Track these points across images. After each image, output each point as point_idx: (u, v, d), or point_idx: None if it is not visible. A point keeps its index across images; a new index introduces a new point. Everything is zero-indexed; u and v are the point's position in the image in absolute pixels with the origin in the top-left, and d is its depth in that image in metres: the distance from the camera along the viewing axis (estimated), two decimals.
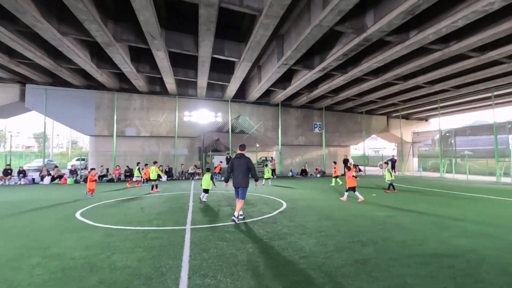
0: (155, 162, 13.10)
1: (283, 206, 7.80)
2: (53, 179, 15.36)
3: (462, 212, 7.07)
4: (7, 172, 15.26)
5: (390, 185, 11.25)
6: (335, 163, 15.50)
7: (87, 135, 19.74)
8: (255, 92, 18.97)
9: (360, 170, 21.99)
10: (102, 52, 12.96)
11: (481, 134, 27.32)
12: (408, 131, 25.77)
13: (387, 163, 16.13)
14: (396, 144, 27.69)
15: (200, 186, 8.91)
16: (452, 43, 11.03)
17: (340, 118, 24.18)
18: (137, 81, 16.77)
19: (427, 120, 27.72)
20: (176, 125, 19.10)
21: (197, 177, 17.63)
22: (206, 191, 8.80)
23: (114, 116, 18.18)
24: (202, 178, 9.08)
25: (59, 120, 18.55)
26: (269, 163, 20.93)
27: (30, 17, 9.07)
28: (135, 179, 14.67)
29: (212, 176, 9.34)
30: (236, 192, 6.25)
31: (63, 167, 26.95)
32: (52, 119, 18.71)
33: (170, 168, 18.14)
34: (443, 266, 3.52)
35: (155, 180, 11.88)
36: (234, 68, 15.13)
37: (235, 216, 5.99)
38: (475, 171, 21.30)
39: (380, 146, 43.88)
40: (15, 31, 10.67)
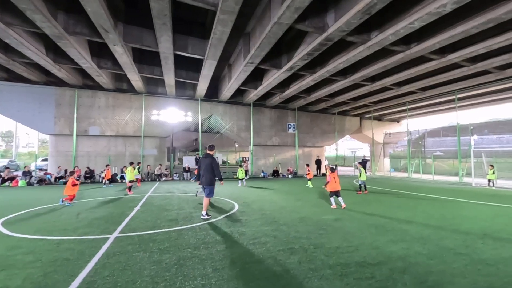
0: (131, 163, 12.58)
1: (233, 210, 7.46)
2: (3, 181, 14.25)
3: (411, 214, 7.01)
4: None
5: (362, 185, 11.19)
6: (307, 165, 15.27)
7: (46, 134, 18.59)
8: (226, 91, 18.57)
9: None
10: (59, 46, 12.13)
11: (453, 135, 28.25)
12: (380, 132, 26.23)
13: (361, 163, 16.18)
14: (369, 144, 28.13)
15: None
16: (412, 45, 11.12)
17: (314, 118, 24.21)
18: (99, 77, 15.94)
19: (399, 121, 28.34)
20: (143, 124, 18.36)
21: (164, 178, 16.97)
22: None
23: (74, 114, 17.20)
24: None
25: (15, 118, 17.38)
26: (243, 163, 20.68)
27: None
28: (136, 177, 14.53)
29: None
30: (203, 190, 6.69)
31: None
32: (6, 117, 17.42)
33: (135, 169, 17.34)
34: (363, 277, 3.29)
35: (132, 182, 11.53)
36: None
37: (202, 215, 6.45)
38: (444, 172, 21.94)
39: (357, 146, 44.64)
40: None
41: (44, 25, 9.73)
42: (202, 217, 6.38)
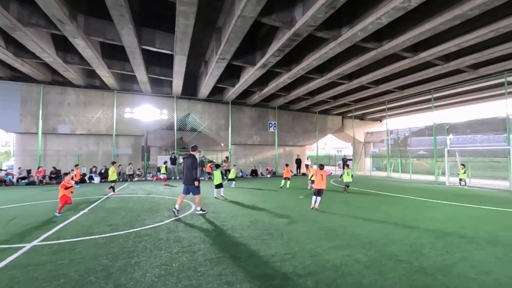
0: (113, 162, 11.98)
1: (186, 212, 7.02)
2: None
3: (372, 215, 6.73)
4: None
5: (346, 186, 11.44)
6: (287, 165, 14.74)
7: (11, 133, 17.67)
8: (203, 89, 18.10)
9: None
10: None
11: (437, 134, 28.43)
12: (362, 131, 26.21)
13: (347, 165, 16.18)
14: (350, 143, 28.09)
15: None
16: (384, 42, 10.92)
17: (295, 117, 23.95)
18: (67, 73, 15.20)
19: (381, 121, 28.40)
20: (114, 122, 17.64)
21: (136, 178, 16.35)
22: (218, 186, 9.42)
23: (40, 111, 16.37)
24: (214, 175, 9.78)
25: None
26: (224, 163, 20.16)
27: None
28: (162, 176, 15.05)
29: (222, 172, 9.98)
30: (184, 189, 6.90)
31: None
32: None
33: (107, 169, 16.66)
34: None
35: (114, 182, 11.06)
36: None
37: (197, 210, 6.94)
38: (425, 171, 22.00)
39: (343, 146, 44.74)
40: None
41: None
42: (196, 212, 6.91)
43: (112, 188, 10.94)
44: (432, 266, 3.63)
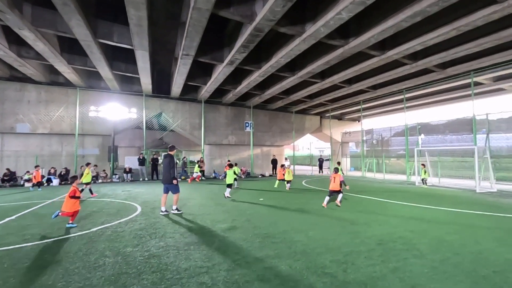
0: (88, 164, 11.17)
1: (126, 217, 6.44)
2: None
3: (321, 219, 6.36)
4: None
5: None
6: (282, 166, 13.95)
7: None
8: (174, 87, 17.46)
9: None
10: None
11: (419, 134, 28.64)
12: (341, 132, 26.16)
13: (339, 163, 15.90)
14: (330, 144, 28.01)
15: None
16: (350, 39, 10.67)
17: (273, 117, 23.60)
18: (24, 68, 14.23)
19: (359, 121, 28.42)
20: (77, 120, 16.71)
21: (100, 180, 15.50)
22: (229, 186, 9.38)
23: None
24: (226, 174, 9.84)
25: None
26: (200, 163, 19.49)
27: None
28: (195, 175, 15.76)
29: (235, 172, 10.22)
30: (164, 188, 7.14)
31: None
32: None
33: (68, 171, 15.77)
34: None
35: (88, 184, 10.37)
36: None
37: (173, 209, 7.07)
38: (401, 170, 22.03)
39: (326, 146, 44.74)
40: None
41: None
42: (172, 211, 7.03)
43: (82, 190, 10.10)
44: (357, 279, 3.24)
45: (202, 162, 19.93)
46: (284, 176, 12.52)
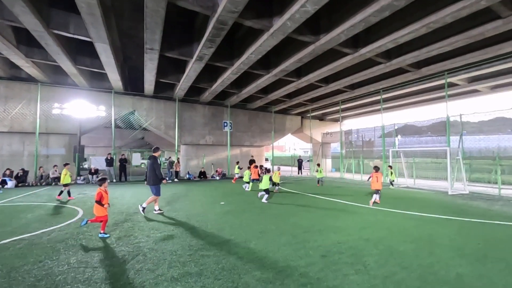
0: (66, 164, 10.22)
1: (57, 225, 5.73)
2: None
3: (272, 226, 5.83)
4: None
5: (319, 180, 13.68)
6: (256, 166, 13.24)
7: None
8: (146, 84, 16.67)
9: (267, 171, 20.95)
10: None
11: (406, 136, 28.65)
12: (321, 132, 25.91)
13: (319, 165, 15.52)
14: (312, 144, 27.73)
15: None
16: (321, 35, 10.24)
17: (253, 117, 23.06)
18: None
19: (341, 121, 28.32)
20: (38, 118, 15.65)
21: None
22: (266, 191, 9.26)
23: None
24: (261, 179, 9.80)
25: None
26: (177, 163, 18.73)
27: None
28: (237, 176, 16.53)
29: (271, 177, 10.17)
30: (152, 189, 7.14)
31: None
32: None
33: (26, 172, 14.71)
34: None
35: (67, 185, 9.63)
36: None
37: (141, 205, 7.13)
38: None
39: (309, 146, 44.56)
40: None
41: None
42: (154, 211, 7.16)
43: (61, 192, 9.57)
44: None
45: (177, 162, 19.18)
46: (258, 176, 12.05)
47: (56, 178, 14.37)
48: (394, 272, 3.51)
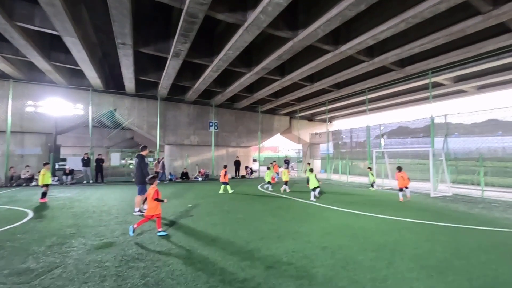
0: (46, 164, 9.65)
1: (10, 224, 5.23)
2: None
3: (230, 231, 5.39)
4: None
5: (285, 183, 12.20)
6: (225, 166, 12.75)
7: None
8: (126, 82, 16.15)
9: (252, 172, 20.60)
10: None
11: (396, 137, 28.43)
12: (310, 133, 25.56)
13: (309, 164, 15.91)
14: (302, 145, 27.39)
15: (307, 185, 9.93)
16: (299, 31, 9.85)
17: (239, 117, 22.61)
18: None
19: (330, 122, 28.04)
20: (9, 116, 14.97)
21: (34, 182, 13.87)
22: (314, 189, 9.71)
23: None
24: (309, 179, 9.89)
25: None
26: (158, 163, 18.19)
27: None
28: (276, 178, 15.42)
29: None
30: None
31: None
32: None
33: None
34: None
35: (46, 186, 9.15)
36: None
37: (135, 211, 7.01)
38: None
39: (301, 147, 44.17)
40: None
41: None
42: (134, 213, 6.95)
43: (43, 194, 9.04)
44: None
45: (157, 163, 18.61)
46: (227, 179, 11.61)
47: (28, 179, 13.75)
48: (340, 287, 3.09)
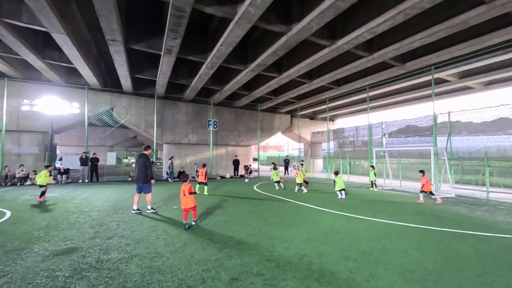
0: (47, 166, 9.86)
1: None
2: None
3: (190, 240, 5.05)
4: None
5: (298, 184, 11.74)
6: (204, 165, 12.33)
7: None
8: (122, 80, 16.01)
9: (251, 172, 20.24)
10: None
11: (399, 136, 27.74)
12: (313, 131, 25.07)
13: (302, 164, 15.80)
14: (304, 144, 26.91)
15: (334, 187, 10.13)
16: (293, 25, 9.46)
17: (239, 115, 22.28)
18: None
19: (333, 120, 27.49)
20: (4, 115, 14.91)
21: (29, 182, 13.79)
22: (341, 191, 9.99)
23: None
24: (336, 180, 10.15)
25: None
26: (154, 163, 18.04)
27: None
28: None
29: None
30: (136, 188, 7.13)
31: None
32: None
33: None
34: None
35: (45, 186, 9.21)
36: None
37: (148, 209, 7.10)
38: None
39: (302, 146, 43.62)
40: None
41: None
42: (147, 211, 7.05)
43: (42, 193, 9.05)
44: None
45: (153, 164, 18.45)
46: (206, 179, 11.18)
47: (22, 178, 13.67)
48: None
